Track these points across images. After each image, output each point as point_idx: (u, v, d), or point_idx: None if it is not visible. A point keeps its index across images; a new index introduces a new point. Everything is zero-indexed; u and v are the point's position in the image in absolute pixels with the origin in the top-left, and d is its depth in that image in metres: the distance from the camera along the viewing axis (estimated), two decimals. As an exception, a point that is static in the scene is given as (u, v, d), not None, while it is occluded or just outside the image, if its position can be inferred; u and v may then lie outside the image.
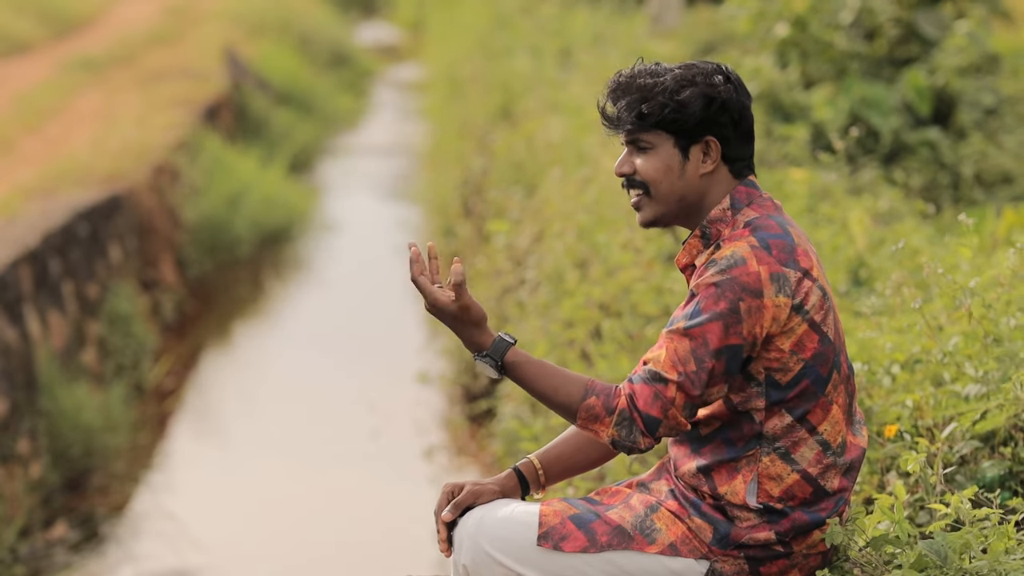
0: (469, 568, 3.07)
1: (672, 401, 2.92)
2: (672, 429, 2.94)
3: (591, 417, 2.98)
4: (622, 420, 2.95)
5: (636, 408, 2.93)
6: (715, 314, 2.91)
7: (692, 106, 3.01)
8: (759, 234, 2.98)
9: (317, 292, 12.74)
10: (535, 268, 7.37)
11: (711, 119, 3.02)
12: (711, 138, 3.04)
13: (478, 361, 3.06)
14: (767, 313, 2.92)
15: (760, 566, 3.02)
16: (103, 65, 17.41)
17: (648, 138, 3.05)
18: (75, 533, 7.94)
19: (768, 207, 3.06)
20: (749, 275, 2.92)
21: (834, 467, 3.01)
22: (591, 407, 2.97)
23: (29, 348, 8.64)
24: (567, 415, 3.02)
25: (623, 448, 2.96)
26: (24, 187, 10.76)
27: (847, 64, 9.30)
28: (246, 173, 13.93)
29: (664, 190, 3.06)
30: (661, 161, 3.05)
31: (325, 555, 7.60)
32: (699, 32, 13.04)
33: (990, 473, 3.57)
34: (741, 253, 2.94)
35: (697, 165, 3.05)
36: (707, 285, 2.94)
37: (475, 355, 3.07)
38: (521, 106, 11.38)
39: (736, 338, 2.92)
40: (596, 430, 2.98)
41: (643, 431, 2.94)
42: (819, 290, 2.97)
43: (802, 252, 2.98)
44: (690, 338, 2.92)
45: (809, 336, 2.96)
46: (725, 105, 3.03)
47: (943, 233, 7.03)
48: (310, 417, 9.64)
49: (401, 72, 24.89)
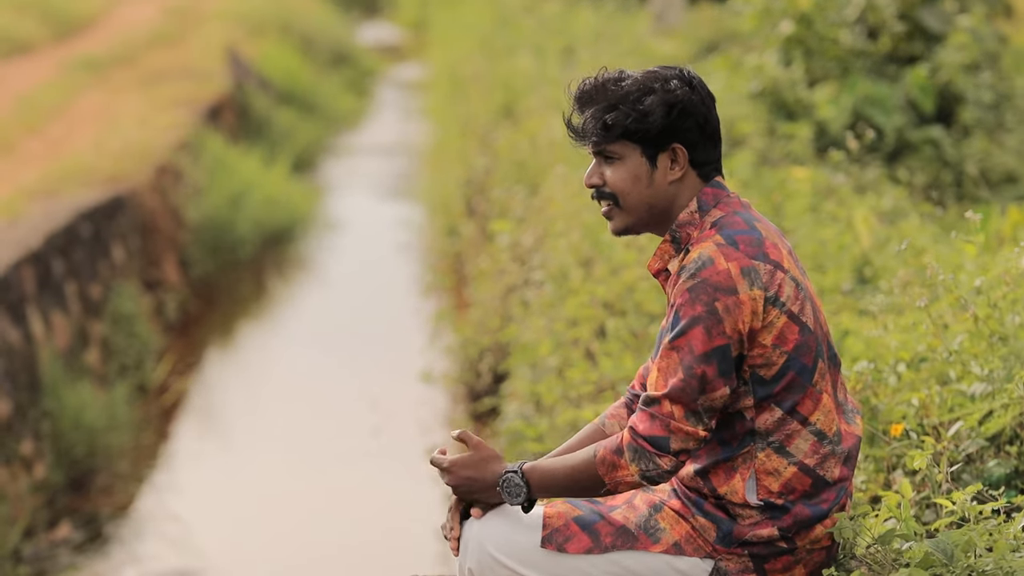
0: (475, 572, 3.07)
1: (671, 415, 2.92)
2: (686, 440, 2.93)
3: (610, 467, 2.97)
4: (634, 454, 2.94)
5: (639, 436, 2.93)
6: (693, 319, 2.91)
7: (654, 114, 2.99)
8: (724, 232, 2.97)
9: (320, 292, 12.74)
10: (539, 267, 7.36)
11: (674, 126, 3.01)
12: (677, 145, 3.02)
13: (503, 484, 3.03)
14: (745, 308, 2.92)
15: (764, 563, 3.01)
16: (105, 66, 17.42)
17: (614, 148, 3.04)
18: (79, 533, 7.94)
19: (735, 204, 3.05)
20: (719, 274, 2.91)
21: (832, 456, 3.01)
22: (604, 459, 2.97)
23: (32, 348, 8.64)
24: (594, 481, 2.99)
25: (653, 479, 2.95)
26: (27, 188, 10.76)
27: (851, 62, 9.29)
28: (248, 173, 13.94)
29: (633, 200, 3.05)
30: (629, 171, 3.04)
31: (328, 554, 7.59)
32: (702, 30, 13.05)
33: (996, 472, 3.56)
34: (708, 253, 2.94)
35: (665, 173, 3.04)
36: (681, 292, 2.94)
37: (498, 484, 3.05)
38: (524, 105, 11.37)
39: (720, 339, 2.91)
40: (622, 477, 2.96)
41: (657, 453, 2.92)
42: (792, 281, 2.96)
43: (771, 245, 2.97)
44: (676, 350, 2.92)
45: (789, 328, 2.96)
46: (687, 110, 3.01)
47: (947, 231, 7.01)
48: (313, 416, 9.64)
49: (403, 71, 24.90)
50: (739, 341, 2.93)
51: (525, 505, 3.05)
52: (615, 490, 3.00)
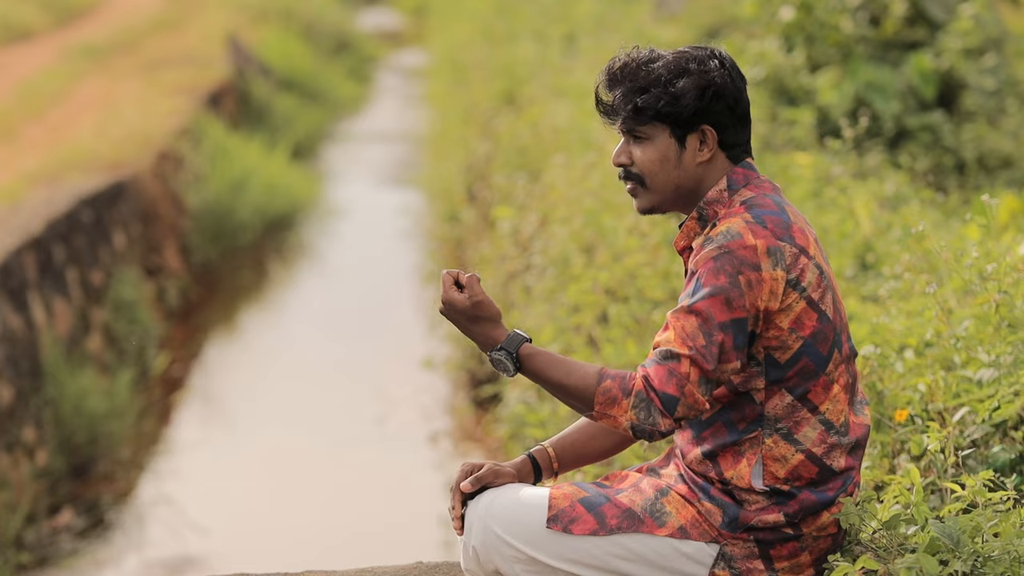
0: (479, 550, 3.06)
1: (687, 377, 2.88)
2: (691, 408, 2.90)
3: (608, 401, 2.92)
4: (639, 402, 2.89)
5: (652, 388, 2.89)
6: (716, 288, 2.90)
7: (686, 97, 2.98)
8: (754, 211, 2.97)
9: (321, 278, 12.73)
10: (541, 253, 7.35)
11: (706, 108, 3.00)
12: (707, 127, 3.02)
13: (492, 355, 3.00)
14: (765, 286, 2.91)
15: (770, 549, 3.01)
16: (106, 52, 17.40)
17: (644, 129, 3.03)
18: (81, 520, 7.94)
19: (766, 188, 3.05)
20: (746, 248, 2.91)
21: (839, 446, 3.00)
22: (607, 390, 2.92)
23: (34, 335, 8.64)
24: (583, 403, 2.95)
25: (642, 433, 2.90)
26: (28, 174, 10.75)
27: (853, 48, 9.28)
28: (249, 160, 13.92)
29: (660, 180, 3.05)
30: (657, 152, 3.04)
31: (330, 541, 7.59)
32: (703, 16, 13.02)
33: (1001, 457, 3.56)
34: (737, 228, 2.93)
35: (694, 154, 3.04)
36: (705, 260, 2.92)
37: (490, 351, 3.01)
38: (525, 91, 11.35)
39: (740, 311, 2.90)
40: (614, 415, 2.92)
41: (661, 411, 2.89)
42: (816, 268, 2.96)
43: (798, 230, 2.97)
44: (695, 314, 2.90)
45: (807, 314, 2.95)
46: (719, 92, 3.00)
47: (948, 217, 7.01)
48: (314, 403, 9.64)
49: (404, 58, 24.86)
50: (755, 317, 2.92)
51: (513, 372, 3.00)
52: (595, 420, 2.95)
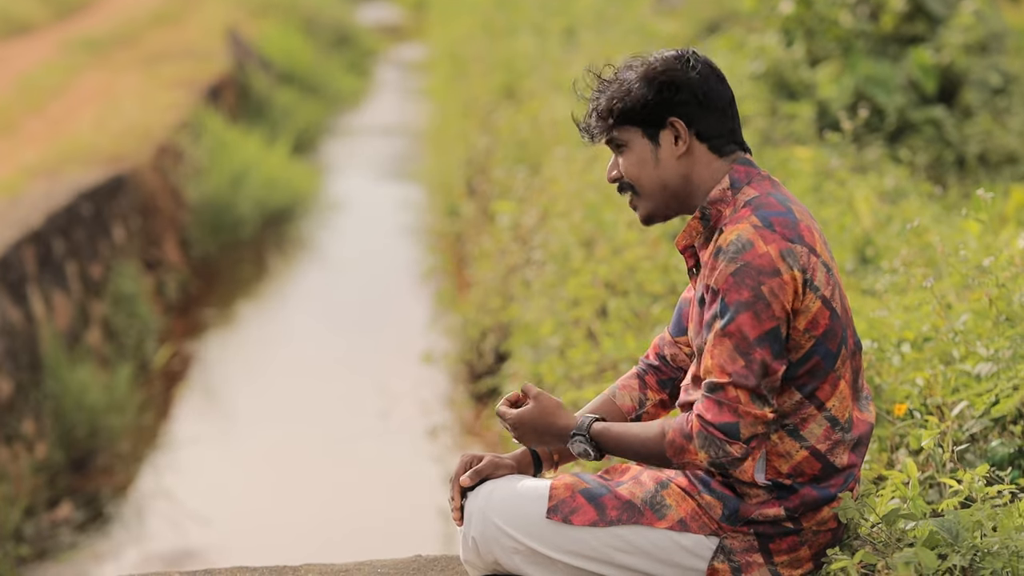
0: (478, 541, 3.08)
1: (736, 400, 2.90)
2: (754, 424, 2.91)
3: (678, 451, 2.97)
4: (704, 441, 2.93)
5: (709, 424, 2.92)
6: (741, 304, 2.90)
7: (636, 91, 3.03)
8: (760, 213, 2.96)
9: (320, 272, 12.74)
10: (540, 247, 7.35)
11: (667, 100, 3.03)
12: (674, 119, 3.04)
13: (571, 444, 3.09)
14: (788, 288, 2.91)
15: (770, 542, 3.01)
16: (106, 45, 17.39)
17: (619, 135, 3.08)
18: (80, 513, 7.95)
19: (767, 185, 3.05)
20: (761, 257, 2.91)
21: (842, 443, 3.01)
22: (672, 442, 2.97)
23: (33, 329, 8.64)
24: (661, 462, 3.02)
25: (723, 467, 2.94)
26: (27, 167, 10.75)
27: (853, 42, 9.26)
28: (249, 153, 13.92)
29: (647, 183, 3.08)
30: (636, 155, 3.07)
31: (330, 534, 7.60)
32: (703, 10, 13.01)
33: (1000, 451, 3.55)
34: (746, 236, 2.93)
35: (670, 149, 3.05)
36: (725, 278, 2.92)
37: (569, 440, 3.10)
38: (525, 85, 11.34)
39: (770, 322, 2.90)
40: (691, 460, 2.97)
41: (727, 440, 2.91)
42: (823, 266, 2.97)
43: (805, 228, 2.97)
44: (728, 336, 2.91)
45: (822, 313, 2.95)
46: (674, 83, 3.02)
47: (948, 211, 7.00)
48: (314, 397, 9.64)
49: (404, 52, 24.86)
50: (786, 321, 2.93)
51: (596, 455, 3.10)
52: (685, 469, 3.02)
